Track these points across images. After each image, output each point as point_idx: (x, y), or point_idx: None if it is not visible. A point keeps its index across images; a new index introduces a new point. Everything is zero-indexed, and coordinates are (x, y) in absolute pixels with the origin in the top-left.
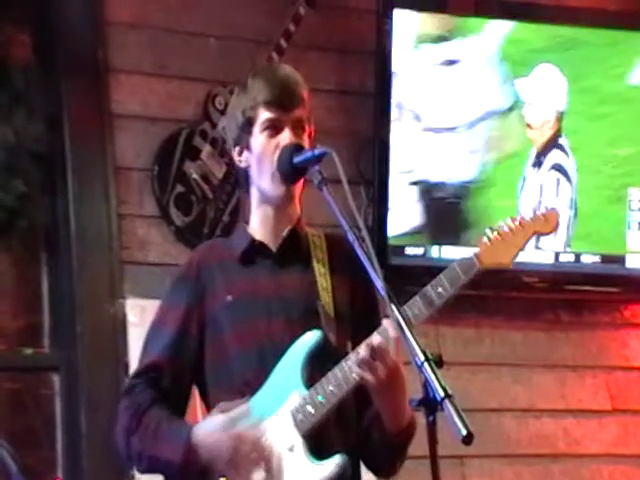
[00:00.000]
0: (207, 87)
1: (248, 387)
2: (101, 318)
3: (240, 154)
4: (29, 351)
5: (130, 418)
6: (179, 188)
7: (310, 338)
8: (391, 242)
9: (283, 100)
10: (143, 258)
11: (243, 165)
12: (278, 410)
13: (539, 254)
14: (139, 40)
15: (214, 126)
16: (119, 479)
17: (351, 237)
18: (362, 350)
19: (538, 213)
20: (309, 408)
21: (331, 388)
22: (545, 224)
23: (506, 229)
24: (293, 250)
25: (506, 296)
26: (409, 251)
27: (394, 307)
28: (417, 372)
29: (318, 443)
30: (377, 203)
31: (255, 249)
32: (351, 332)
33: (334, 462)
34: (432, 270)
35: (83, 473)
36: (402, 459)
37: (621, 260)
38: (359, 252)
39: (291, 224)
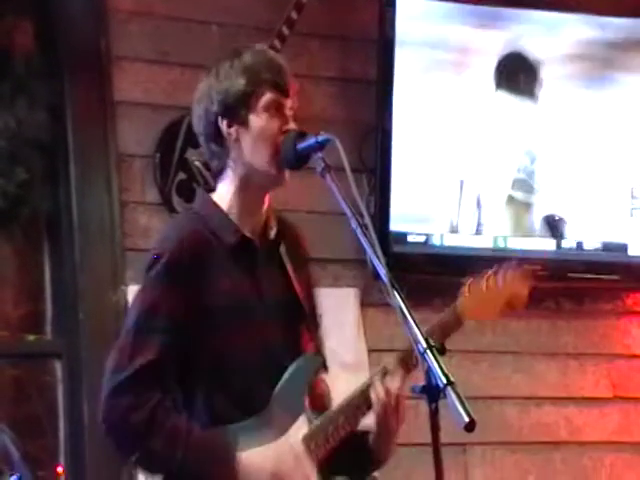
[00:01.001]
0: None
1: (250, 394)
2: (103, 305)
3: (229, 126)
4: (32, 338)
5: (144, 417)
6: (181, 175)
7: (312, 362)
8: (393, 230)
9: (286, 85)
10: (145, 245)
11: (231, 138)
12: (287, 436)
13: (541, 242)
14: (141, 28)
15: None
16: (121, 466)
17: (354, 224)
18: (379, 394)
19: (512, 273)
20: (320, 438)
21: (342, 420)
22: (516, 299)
23: (486, 285)
24: (275, 248)
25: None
26: (411, 239)
27: (396, 294)
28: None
29: (327, 469)
30: (379, 191)
31: (244, 246)
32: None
33: None
34: (434, 258)
35: (85, 460)
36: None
37: (623, 248)
38: (362, 239)
39: (268, 214)
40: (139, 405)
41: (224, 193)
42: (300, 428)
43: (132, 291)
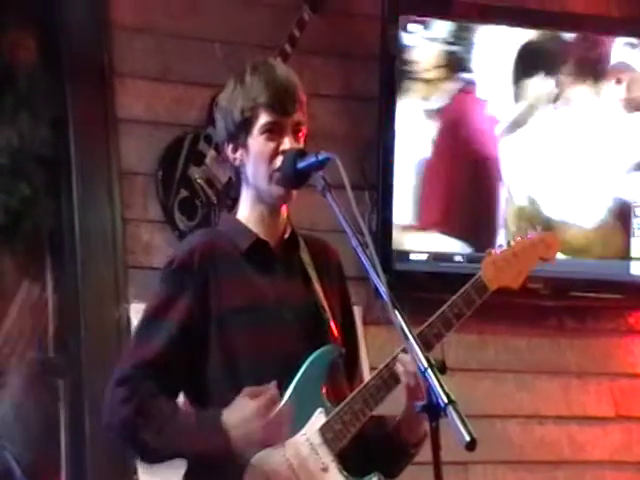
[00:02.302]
0: (212, 92)
1: None
2: (105, 322)
3: (234, 151)
4: (33, 354)
5: (135, 409)
6: (183, 192)
7: (328, 354)
8: (395, 248)
9: (284, 104)
10: (147, 262)
11: (237, 163)
12: (305, 429)
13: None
14: (144, 44)
15: None
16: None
17: (355, 242)
18: (408, 367)
19: (539, 238)
20: (338, 427)
21: (359, 406)
22: (547, 250)
23: (510, 253)
24: (292, 253)
25: (510, 302)
26: (413, 257)
27: (397, 313)
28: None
29: (346, 460)
30: (381, 208)
31: (259, 248)
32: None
33: None
34: (436, 276)
35: (87, 477)
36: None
37: (625, 267)
38: (362, 258)
39: (285, 224)
40: (131, 398)
41: (243, 210)
42: (317, 420)
43: (134, 308)
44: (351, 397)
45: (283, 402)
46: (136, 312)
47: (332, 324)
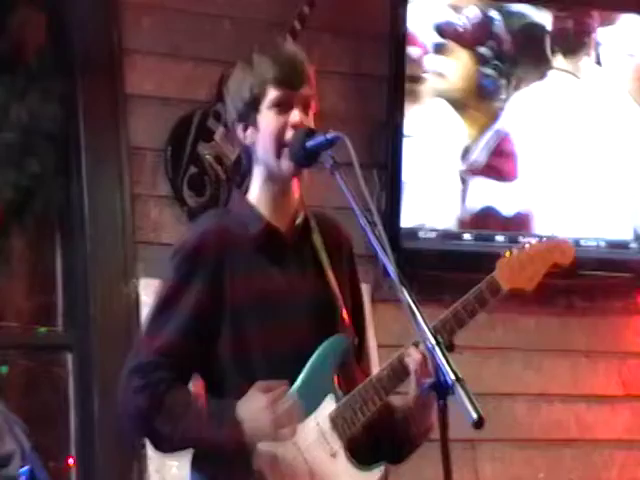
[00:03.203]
0: (221, 69)
1: None
2: (114, 298)
3: (245, 130)
4: (43, 330)
5: (149, 399)
6: (192, 169)
7: (339, 343)
8: (403, 226)
9: (292, 78)
10: (156, 239)
11: (247, 142)
12: (314, 415)
13: None
14: (153, 22)
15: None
16: (131, 458)
17: (363, 221)
18: (416, 357)
19: (554, 243)
20: (349, 415)
21: (370, 395)
22: (562, 256)
23: (525, 255)
24: (305, 239)
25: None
26: (422, 235)
27: (405, 291)
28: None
29: (355, 447)
30: (390, 187)
31: (269, 235)
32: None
33: (379, 469)
34: (444, 254)
35: (95, 452)
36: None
37: (635, 246)
38: (370, 236)
39: (296, 204)
40: (145, 387)
41: (253, 190)
42: (327, 407)
43: (143, 284)
44: (362, 385)
45: (293, 392)
46: (145, 288)
47: (344, 312)
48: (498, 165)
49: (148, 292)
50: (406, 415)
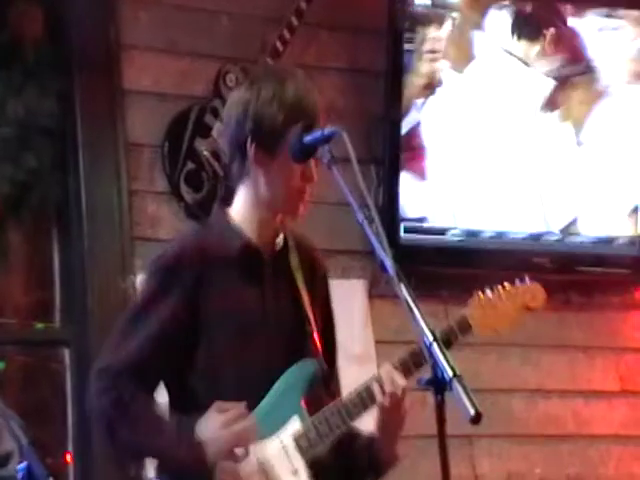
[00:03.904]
0: (218, 64)
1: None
2: (112, 294)
3: (257, 151)
4: (40, 325)
5: (114, 401)
6: (190, 165)
7: (308, 366)
8: (401, 221)
9: (316, 124)
10: (153, 234)
11: (255, 161)
12: (278, 433)
13: (549, 235)
14: (151, 17)
15: (225, 103)
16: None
17: (360, 217)
18: (384, 386)
19: (524, 286)
20: (313, 436)
21: (335, 420)
22: (533, 299)
23: (497, 298)
24: (283, 259)
25: (516, 277)
26: (419, 230)
27: (403, 287)
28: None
29: (316, 469)
30: (388, 182)
31: (249, 253)
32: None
33: None
34: (441, 249)
35: (93, 447)
36: None
37: (632, 242)
38: (368, 232)
39: (278, 227)
40: (111, 389)
41: (238, 207)
42: (292, 427)
43: (140, 280)
44: (328, 408)
45: (255, 412)
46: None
47: (315, 337)
48: None
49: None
50: (371, 443)
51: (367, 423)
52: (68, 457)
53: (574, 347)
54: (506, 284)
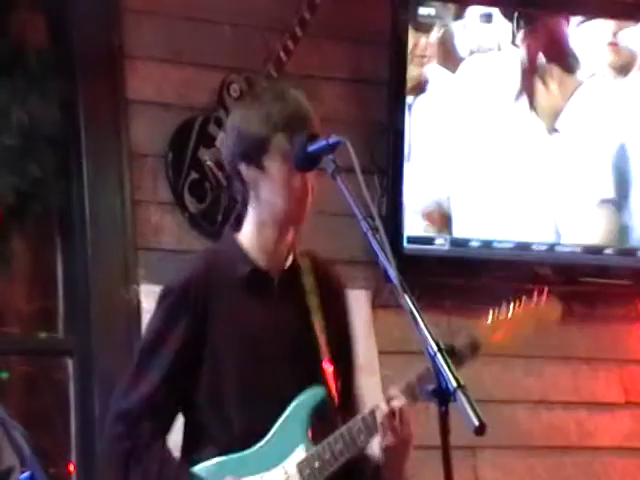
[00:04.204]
0: (222, 74)
1: (249, 435)
2: (115, 304)
3: (248, 169)
4: (43, 335)
5: (129, 449)
6: (193, 175)
7: (315, 395)
8: (404, 231)
9: (303, 128)
10: (157, 244)
11: (248, 180)
12: (283, 463)
13: (559, 246)
14: (154, 27)
15: (229, 113)
16: None
17: (364, 227)
18: (381, 415)
19: (540, 301)
20: (317, 464)
21: (339, 447)
22: (549, 313)
23: (512, 314)
24: (293, 281)
25: (519, 288)
26: (423, 240)
27: (407, 297)
28: (429, 362)
29: None
30: (391, 192)
31: (257, 278)
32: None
33: None
34: (446, 260)
35: (96, 457)
36: None
37: (636, 253)
38: (372, 242)
39: (289, 249)
40: (127, 437)
41: (246, 231)
42: (297, 456)
43: (144, 289)
44: (333, 437)
45: (264, 440)
46: (145, 294)
47: (325, 360)
48: None
49: (149, 298)
50: (378, 469)
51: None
52: (71, 467)
53: (577, 358)
54: (524, 302)
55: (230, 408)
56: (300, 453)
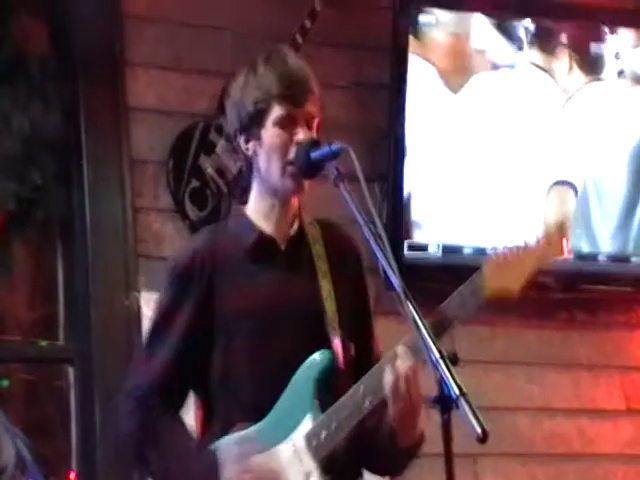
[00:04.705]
0: (223, 81)
1: (258, 407)
2: (116, 311)
3: (247, 142)
4: (44, 343)
5: (141, 422)
6: (194, 182)
7: (320, 360)
8: (405, 238)
9: (297, 96)
10: (158, 252)
11: (249, 153)
12: (291, 435)
13: None
14: (155, 33)
15: None
16: (132, 471)
17: (367, 233)
18: (389, 377)
19: (541, 238)
20: (324, 434)
21: (346, 414)
22: (551, 248)
23: (513, 254)
24: (300, 248)
25: (520, 295)
26: (423, 247)
27: (410, 304)
28: (432, 369)
29: (330, 467)
30: (392, 199)
31: (264, 245)
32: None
33: None
34: (447, 268)
35: (97, 464)
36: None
37: (636, 260)
38: (375, 249)
39: (294, 217)
40: (138, 411)
41: (251, 203)
42: (305, 427)
43: (144, 297)
44: (338, 403)
45: (271, 412)
46: (146, 301)
47: (333, 324)
48: None
49: (149, 305)
50: (390, 430)
51: None
52: (72, 475)
53: (579, 365)
54: (525, 242)
55: (241, 381)
56: (307, 423)
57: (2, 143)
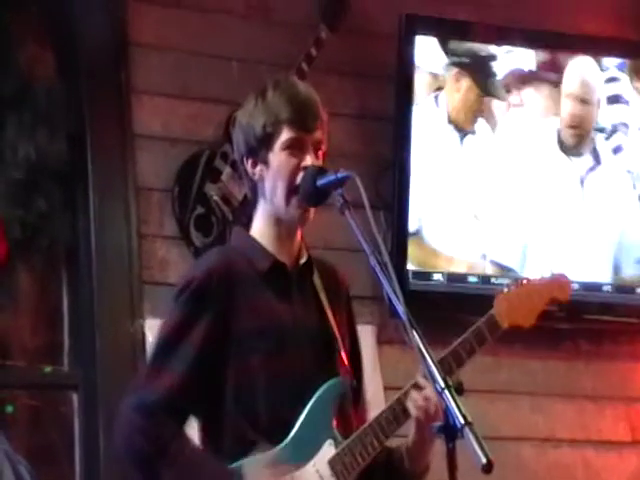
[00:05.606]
0: (228, 109)
1: (272, 425)
2: (120, 337)
3: (254, 166)
4: (49, 369)
5: (154, 442)
6: (199, 209)
7: (338, 386)
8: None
9: (307, 121)
10: (163, 278)
11: (255, 177)
12: (313, 460)
13: None
14: (162, 61)
15: None
16: None
17: (373, 262)
18: (419, 401)
19: (552, 279)
20: (348, 459)
21: (369, 439)
22: (560, 290)
23: (523, 291)
24: (306, 277)
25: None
26: (428, 276)
27: (415, 333)
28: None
29: None
30: (397, 228)
31: (277, 271)
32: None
33: None
34: (451, 296)
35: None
36: None
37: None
38: (381, 277)
39: (300, 245)
40: (150, 429)
41: (257, 227)
42: (327, 452)
43: (149, 324)
44: (362, 429)
45: (291, 435)
46: (151, 328)
47: (343, 354)
48: None
49: (154, 332)
50: (402, 456)
51: None
52: None
53: (584, 396)
54: (531, 277)
55: (256, 400)
56: (329, 448)
57: (8, 170)
